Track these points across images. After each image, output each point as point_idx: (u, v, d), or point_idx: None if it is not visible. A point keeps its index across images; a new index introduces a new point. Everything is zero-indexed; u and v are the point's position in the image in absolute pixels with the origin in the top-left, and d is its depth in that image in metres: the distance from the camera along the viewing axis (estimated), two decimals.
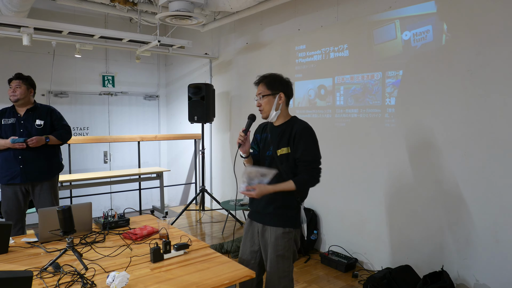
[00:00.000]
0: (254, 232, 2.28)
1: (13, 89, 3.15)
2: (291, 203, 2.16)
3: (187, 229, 5.06)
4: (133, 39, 4.69)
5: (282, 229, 2.14)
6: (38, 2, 5.18)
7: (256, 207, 2.24)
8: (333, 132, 3.96)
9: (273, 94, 2.16)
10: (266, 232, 2.20)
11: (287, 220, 2.16)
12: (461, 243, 2.98)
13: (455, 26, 2.96)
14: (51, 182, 3.31)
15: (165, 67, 7.22)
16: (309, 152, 2.13)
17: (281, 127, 2.21)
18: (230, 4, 3.99)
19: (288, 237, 2.15)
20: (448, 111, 3.02)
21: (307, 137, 2.15)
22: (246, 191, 2.06)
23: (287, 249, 2.16)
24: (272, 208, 2.16)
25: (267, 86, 2.17)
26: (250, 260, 2.27)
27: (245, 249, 2.31)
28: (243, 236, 2.36)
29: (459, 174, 2.98)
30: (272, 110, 2.17)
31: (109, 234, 2.44)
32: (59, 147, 3.40)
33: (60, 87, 6.05)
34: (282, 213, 2.15)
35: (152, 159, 7.15)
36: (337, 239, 3.95)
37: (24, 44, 3.99)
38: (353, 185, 3.78)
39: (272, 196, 2.12)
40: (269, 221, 2.18)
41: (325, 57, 4.04)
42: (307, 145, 2.12)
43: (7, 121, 3.15)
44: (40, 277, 1.77)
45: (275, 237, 2.15)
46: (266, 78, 2.20)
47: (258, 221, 2.25)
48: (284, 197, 2.13)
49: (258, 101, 2.18)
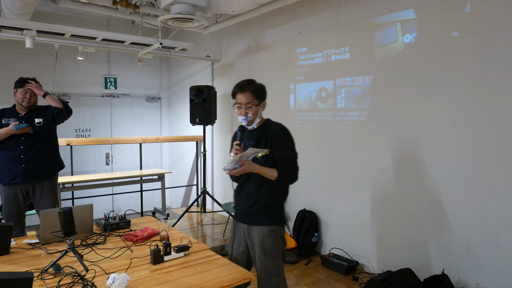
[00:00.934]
0: (240, 233, 2.31)
1: (29, 96, 3.18)
2: (275, 201, 2.21)
3: (188, 231, 5.07)
4: (135, 41, 4.71)
5: (268, 227, 2.18)
6: (41, 5, 5.21)
7: (241, 208, 2.28)
8: (334, 134, 3.97)
9: (259, 103, 2.20)
10: (252, 232, 2.23)
11: (272, 218, 2.20)
12: (462, 246, 2.97)
13: (456, 29, 2.96)
14: (52, 182, 3.33)
15: (167, 69, 7.25)
16: (288, 150, 2.19)
17: (257, 130, 2.24)
18: (232, 6, 4.01)
19: (274, 235, 2.19)
20: (451, 112, 3.02)
21: (284, 137, 2.21)
22: (232, 169, 2.05)
23: (274, 246, 2.19)
24: (256, 208, 2.19)
25: (255, 95, 2.17)
26: (239, 259, 2.30)
27: (233, 250, 2.35)
28: (230, 237, 2.40)
29: (459, 177, 2.97)
30: (257, 118, 2.21)
31: (110, 236, 2.45)
32: (58, 145, 3.42)
33: (62, 89, 6.08)
34: (266, 212, 2.19)
35: (154, 161, 7.17)
36: (338, 241, 3.94)
37: (27, 46, 4.01)
38: (354, 188, 3.78)
39: (257, 197, 2.18)
40: (254, 221, 2.22)
41: (326, 60, 4.05)
42: (285, 144, 2.19)
43: (7, 121, 3.17)
44: (41, 278, 1.79)
45: (261, 235, 2.18)
46: (251, 86, 2.18)
47: (243, 221, 2.28)
48: (268, 197, 2.18)
49: (245, 110, 2.16)
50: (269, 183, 2.17)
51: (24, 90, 3.18)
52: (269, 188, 2.18)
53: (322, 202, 4.13)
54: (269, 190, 2.18)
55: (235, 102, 2.22)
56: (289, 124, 4.44)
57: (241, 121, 2.21)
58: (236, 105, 2.21)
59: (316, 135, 4.18)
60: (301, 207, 4.29)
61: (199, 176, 6.24)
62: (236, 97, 2.20)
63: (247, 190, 2.23)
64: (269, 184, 2.17)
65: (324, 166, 4.11)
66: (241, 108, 2.18)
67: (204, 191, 5.49)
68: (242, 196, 2.27)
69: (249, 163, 2.07)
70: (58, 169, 3.40)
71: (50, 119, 3.30)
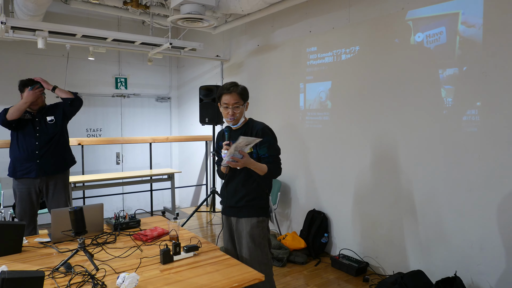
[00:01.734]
0: (231, 226, 2.46)
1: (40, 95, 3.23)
2: (261, 194, 2.38)
3: (198, 230, 5.08)
4: (146, 41, 4.74)
5: (257, 219, 2.35)
6: (53, 6, 5.27)
7: (229, 203, 2.41)
8: (344, 134, 3.94)
9: (244, 103, 2.37)
10: (239, 224, 2.39)
11: (260, 210, 2.37)
12: (475, 248, 2.92)
13: (471, 28, 2.91)
14: (65, 180, 3.37)
15: (177, 69, 7.27)
16: (273, 147, 2.35)
17: (241, 129, 2.39)
18: (242, 6, 4.00)
19: (262, 226, 2.37)
20: (464, 111, 2.97)
21: (268, 135, 2.36)
22: (232, 161, 2.15)
23: (262, 236, 2.36)
24: (245, 201, 2.35)
25: (240, 96, 2.33)
26: (231, 251, 2.46)
27: (225, 242, 2.53)
28: (222, 232, 2.56)
29: (473, 177, 2.92)
30: (242, 117, 2.39)
31: (120, 235, 2.46)
32: (68, 141, 3.46)
33: (74, 89, 5.99)
34: (254, 204, 2.36)
35: (164, 161, 7.20)
36: (348, 242, 3.91)
37: (39, 47, 4.06)
38: (365, 188, 3.75)
39: (245, 191, 2.35)
40: (243, 213, 2.37)
41: (336, 59, 4.02)
42: (270, 141, 2.34)
43: (23, 116, 3.20)
44: (52, 277, 1.80)
45: (250, 226, 2.33)
46: (237, 88, 2.34)
47: (232, 215, 2.43)
48: (255, 190, 2.35)
49: (233, 110, 2.31)
50: (255, 177, 2.32)
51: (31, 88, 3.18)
52: (255, 182, 2.34)
53: (332, 203, 4.11)
54: (256, 184, 2.35)
55: (221, 103, 2.36)
56: (299, 124, 4.45)
57: (227, 121, 2.38)
58: (223, 106, 2.35)
59: (326, 135, 4.15)
60: (311, 208, 4.27)
61: (209, 176, 6.26)
62: (222, 98, 2.34)
63: (235, 185, 2.38)
64: (255, 179, 2.33)
65: (334, 166, 4.08)
66: (228, 108, 2.32)
67: (213, 190, 5.49)
68: (230, 190, 2.40)
69: (247, 157, 2.19)
70: (70, 165, 3.46)
71: (61, 116, 3.34)
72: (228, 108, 2.32)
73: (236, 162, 2.16)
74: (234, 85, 2.35)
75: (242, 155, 2.15)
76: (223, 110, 2.36)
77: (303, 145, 4.44)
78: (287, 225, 4.71)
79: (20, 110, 3.11)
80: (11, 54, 5.53)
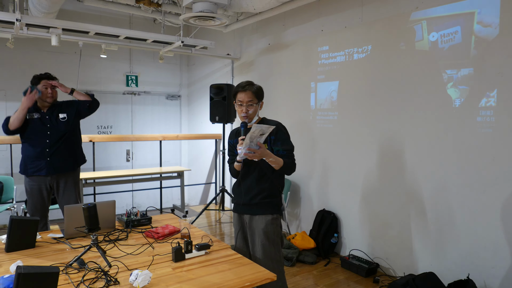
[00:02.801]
0: (243, 224, 2.47)
1: (50, 90, 3.20)
2: (275, 192, 2.40)
3: (207, 228, 5.09)
4: (158, 39, 4.75)
5: (271, 216, 2.37)
6: (66, 4, 5.31)
7: (243, 200, 2.41)
8: (355, 134, 3.91)
9: (258, 102, 2.40)
10: (253, 221, 2.39)
11: (274, 207, 2.39)
12: (488, 250, 2.88)
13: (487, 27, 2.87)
14: (75, 177, 3.37)
15: (187, 67, 7.29)
16: (287, 143, 2.38)
17: None
18: (254, 5, 3.99)
19: (276, 223, 2.39)
20: (478, 112, 2.93)
21: (282, 132, 2.40)
22: (249, 153, 2.15)
23: (276, 234, 2.38)
24: (259, 199, 2.36)
25: (255, 95, 2.37)
26: (242, 248, 2.48)
27: (239, 241, 2.52)
28: (234, 230, 2.55)
29: (487, 178, 2.88)
30: (256, 116, 2.43)
31: (132, 232, 2.47)
32: (81, 140, 3.47)
33: (85, 86, 6.19)
34: (269, 202, 2.37)
35: (173, 158, 7.23)
36: (358, 243, 3.89)
37: (53, 44, 4.09)
38: (375, 188, 3.72)
39: (259, 189, 2.36)
40: (257, 211, 2.38)
41: (348, 58, 3.99)
42: (284, 138, 2.39)
43: (32, 116, 3.19)
44: (65, 273, 1.81)
45: (265, 224, 2.35)
46: (252, 87, 2.38)
47: (245, 213, 2.44)
48: (269, 188, 2.37)
49: (246, 107, 2.35)
50: (269, 175, 2.35)
51: (44, 86, 3.19)
52: (269, 180, 2.36)
53: (342, 203, 4.08)
54: (269, 182, 2.37)
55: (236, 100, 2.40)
56: (310, 123, 4.43)
57: (241, 118, 2.40)
58: (237, 104, 2.39)
59: (337, 135, 4.13)
60: (321, 207, 4.25)
61: (218, 174, 6.26)
62: (237, 96, 2.39)
63: (248, 183, 2.39)
64: (269, 177, 2.36)
65: (344, 166, 4.05)
66: (242, 106, 2.36)
67: (223, 189, 5.50)
68: (244, 188, 2.41)
69: (264, 148, 2.20)
70: (81, 163, 3.45)
71: (74, 114, 3.33)
72: (242, 105, 2.36)
73: (253, 154, 2.15)
74: (249, 84, 2.39)
75: (259, 146, 2.15)
76: (237, 107, 2.40)
77: (313, 145, 4.41)
78: (297, 224, 4.70)
79: (20, 119, 3.09)
80: (24, 51, 5.59)
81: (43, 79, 3.22)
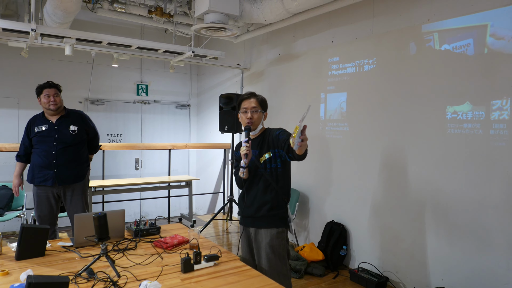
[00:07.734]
0: (249, 236, 2.47)
1: (52, 98, 3.17)
2: (281, 203, 2.38)
3: (214, 238, 5.07)
4: (169, 49, 4.80)
5: (276, 229, 2.35)
6: (80, 14, 5.40)
7: (248, 213, 2.41)
8: (365, 145, 3.88)
9: (262, 111, 2.45)
10: (259, 235, 2.38)
11: (279, 220, 2.37)
12: (501, 266, 2.82)
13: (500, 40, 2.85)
14: (82, 187, 3.37)
15: (197, 77, 7.35)
16: None
17: (259, 138, 2.45)
18: (265, 16, 4.02)
19: (281, 237, 2.36)
20: (491, 125, 2.89)
21: (284, 130, 2.41)
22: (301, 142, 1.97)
23: (282, 247, 2.35)
24: (264, 211, 2.35)
25: (259, 103, 2.44)
26: (249, 260, 2.47)
27: (245, 253, 2.52)
28: (240, 242, 2.55)
29: (500, 193, 2.83)
30: (260, 124, 2.46)
31: (141, 242, 2.47)
32: (87, 152, 3.47)
33: (96, 95, 6.27)
34: (274, 214, 2.35)
35: (182, 167, 7.25)
36: (368, 256, 3.83)
37: (66, 53, 4.16)
38: (385, 201, 3.68)
39: (263, 200, 2.35)
40: (263, 224, 2.37)
41: (358, 70, 3.99)
42: (286, 132, 2.37)
43: (40, 128, 3.20)
44: (75, 282, 1.81)
45: (270, 237, 2.33)
46: (257, 96, 2.46)
47: (251, 226, 2.43)
48: (274, 199, 2.35)
49: (251, 113, 2.39)
50: (273, 186, 2.34)
51: (46, 94, 3.17)
52: (274, 191, 2.35)
53: (352, 214, 4.04)
54: (274, 193, 2.35)
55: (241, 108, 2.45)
56: (319, 134, 4.42)
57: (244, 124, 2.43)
58: (242, 112, 2.43)
59: (346, 146, 4.11)
60: (329, 219, 4.21)
61: (226, 184, 6.26)
62: (242, 104, 2.44)
63: (253, 195, 2.39)
64: (273, 187, 2.35)
65: (354, 177, 4.02)
66: (247, 112, 2.40)
67: (230, 199, 5.49)
68: (249, 199, 2.41)
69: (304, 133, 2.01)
70: (86, 173, 3.41)
71: (84, 130, 3.34)
72: (247, 112, 2.41)
73: (302, 142, 1.97)
74: (253, 94, 2.48)
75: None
76: (242, 115, 2.43)
77: (323, 155, 4.39)
78: (305, 236, 4.66)
79: None
80: (38, 60, 5.68)
81: (45, 88, 3.20)
